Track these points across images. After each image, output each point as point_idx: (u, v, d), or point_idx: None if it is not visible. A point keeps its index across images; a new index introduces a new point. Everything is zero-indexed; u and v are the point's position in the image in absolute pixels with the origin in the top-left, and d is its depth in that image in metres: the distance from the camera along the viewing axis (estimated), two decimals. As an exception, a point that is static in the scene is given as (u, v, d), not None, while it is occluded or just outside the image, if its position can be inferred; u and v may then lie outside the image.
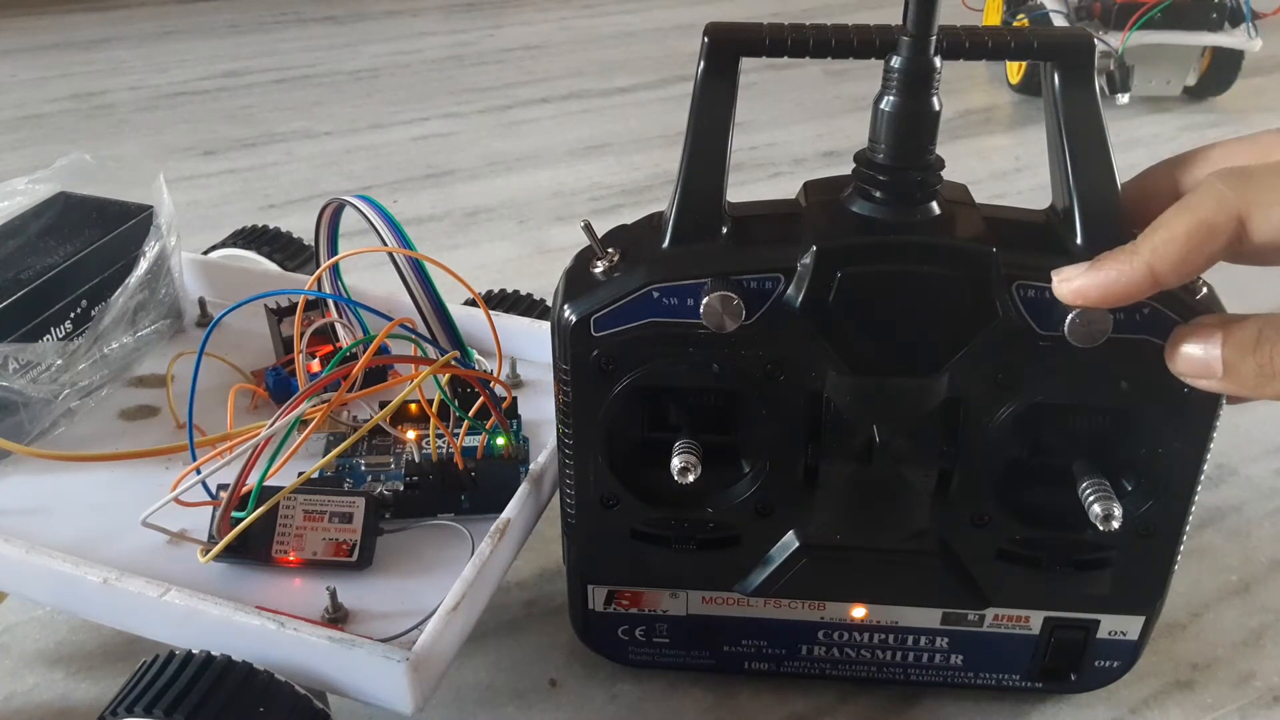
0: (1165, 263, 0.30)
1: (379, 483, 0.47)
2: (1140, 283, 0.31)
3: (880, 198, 0.37)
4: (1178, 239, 0.29)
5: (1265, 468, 0.62)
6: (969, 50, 0.36)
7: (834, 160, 1.04)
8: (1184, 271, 0.30)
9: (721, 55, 0.37)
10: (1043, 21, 1.10)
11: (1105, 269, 0.32)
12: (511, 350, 0.55)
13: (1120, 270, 0.31)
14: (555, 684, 0.49)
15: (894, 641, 0.46)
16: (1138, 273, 0.31)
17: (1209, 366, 0.32)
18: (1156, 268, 0.30)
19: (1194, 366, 0.33)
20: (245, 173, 1.02)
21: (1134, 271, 0.31)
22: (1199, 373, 0.33)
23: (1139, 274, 0.31)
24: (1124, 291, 0.31)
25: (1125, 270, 0.31)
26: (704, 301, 0.37)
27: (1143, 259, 0.30)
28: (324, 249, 0.52)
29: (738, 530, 0.43)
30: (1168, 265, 0.30)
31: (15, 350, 0.48)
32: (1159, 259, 0.30)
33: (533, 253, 0.87)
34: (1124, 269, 0.31)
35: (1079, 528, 0.40)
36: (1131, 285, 0.31)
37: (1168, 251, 0.30)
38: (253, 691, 0.37)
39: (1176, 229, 0.29)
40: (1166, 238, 0.30)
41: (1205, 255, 0.29)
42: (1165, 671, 0.50)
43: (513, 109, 1.17)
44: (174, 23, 1.45)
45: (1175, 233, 0.29)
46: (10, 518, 0.45)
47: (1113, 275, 0.31)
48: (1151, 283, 0.31)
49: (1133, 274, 0.31)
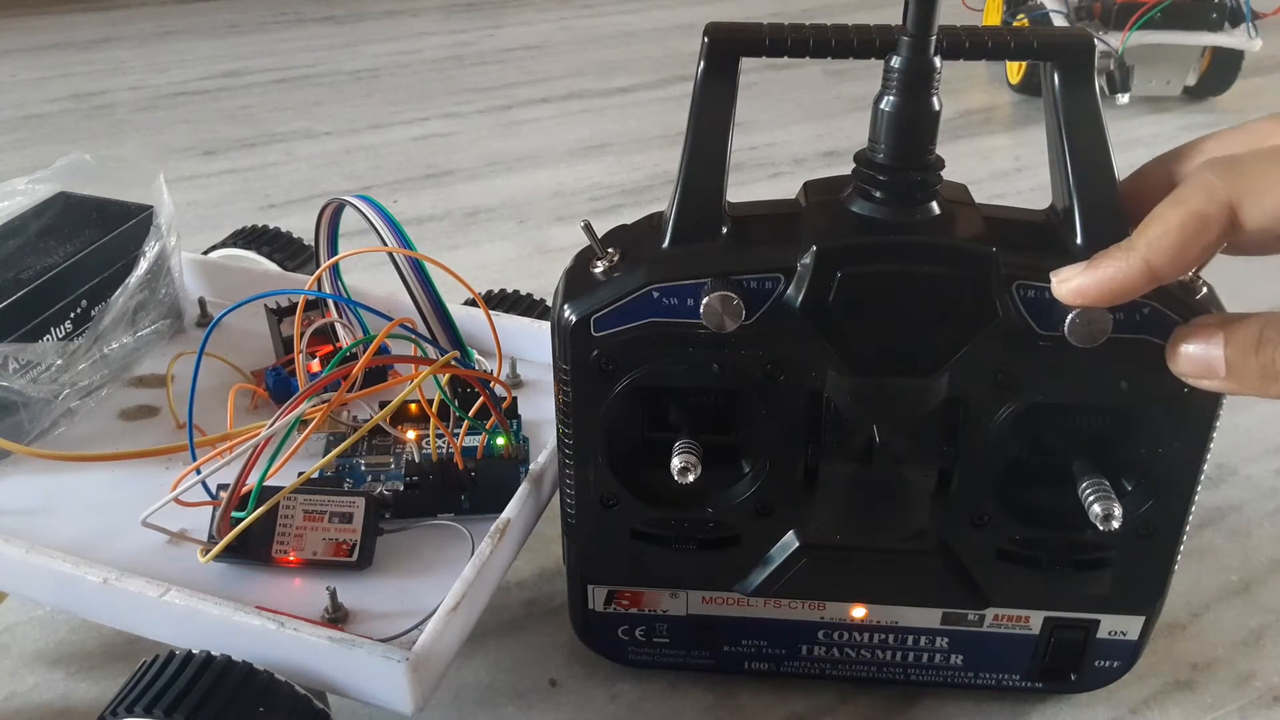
0: (1161, 257, 0.30)
1: (379, 483, 0.47)
2: (1138, 279, 0.31)
3: (880, 198, 0.37)
4: (1171, 232, 0.29)
5: (1265, 468, 0.62)
6: (969, 50, 0.36)
7: (834, 160, 1.04)
8: (1180, 264, 0.30)
9: (721, 55, 0.37)
10: (1043, 21, 1.10)
11: (1102, 267, 0.32)
12: (511, 350, 0.55)
13: (1117, 268, 0.31)
14: (555, 684, 0.49)
15: (894, 641, 0.46)
16: (1134, 269, 0.30)
17: (1211, 367, 0.32)
18: (1153, 262, 0.30)
19: (1196, 367, 0.33)
20: (245, 173, 1.02)
21: (1131, 268, 0.31)
22: (1201, 373, 0.33)
23: (1136, 270, 0.30)
24: (1122, 288, 0.31)
25: (1122, 267, 0.31)
26: (704, 301, 0.37)
27: (1139, 255, 0.30)
28: (324, 249, 0.52)
29: (738, 530, 0.43)
30: (1164, 259, 0.30)
31: (15, 350, 0.48)
32: (1154, 254, 0.30)
33: (533, 253, 0.87)
34: (1121, 266, 0.31)
35: (1079, 528, 0.40)
36: (1129, 282, 0.31)
37: (1162, 245, 0.30)
38: (253, 691, 0.37)
39: (1170, 222, 0.29)
40: (1160, 232, 0.30)
41: (1200, 246, 0.29)
42: (1165, 671, 0.50)
43: (513, 109, 1.17)
44: (174, 23, 1.45)
45: (1169, 226, 0.29)
46: (10, 518, 0.45)
47: (1110, 273, 0.31)
48: (1149, 278, 0.31)
49: (1130, 270, 0.31)
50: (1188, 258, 0.30)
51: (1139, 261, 0.30)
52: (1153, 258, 0.30)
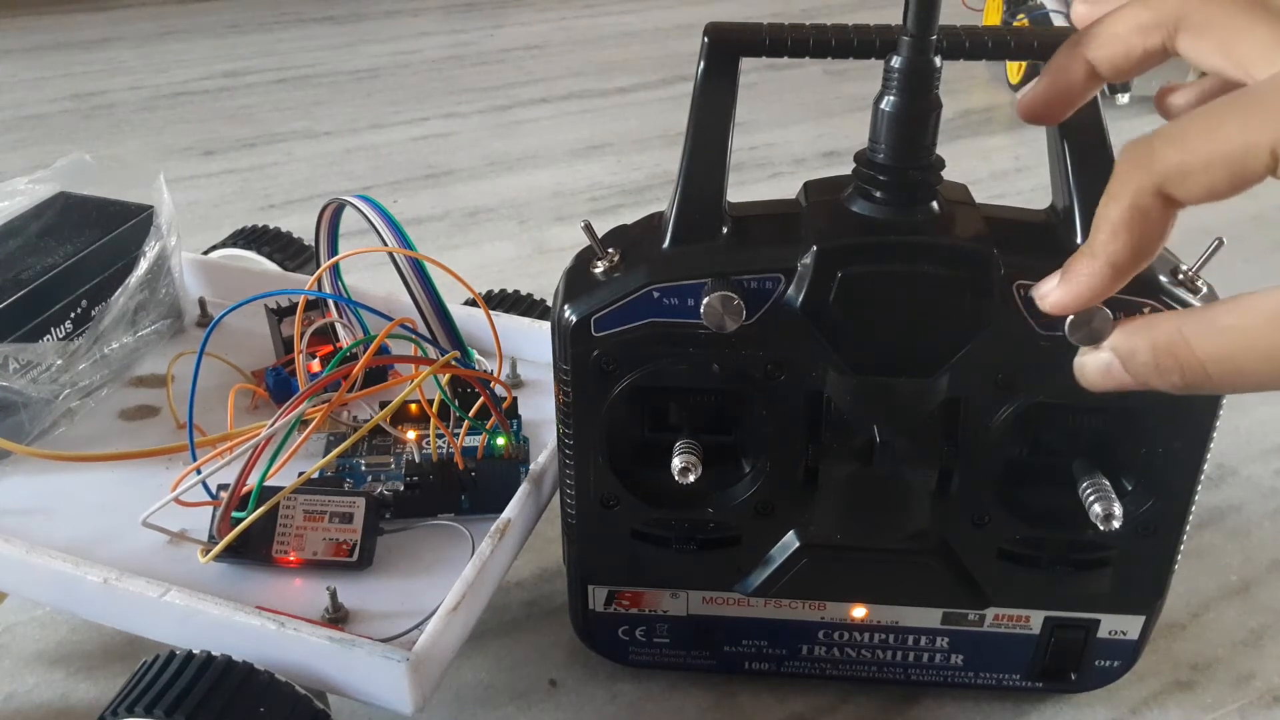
0: (1122, 255, 0.30)
1: (379, 483, 0.47)
2: (1109, 281, 0.31)
3: (880, 198, 0.37)
4: (1120, 231, 0.29)
5: (1265, 468, 0.62)
6: (969, 50, 0.36)
7: (834, 160, 1.04)
8: (1144, 254, 0.30)
9: (721, 55, 0.37)
10: (1043, 21, 1.10)
11: (1072, 279, 0.32)
12: (511, 350, 0.55)
13: (1086, 276, 0.31)
14: (555, 684, 0.49)
15: (894, 641, 0.46)
16: (1103, 273, 0.31)
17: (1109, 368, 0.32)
18: (1116, 262, 0.30)
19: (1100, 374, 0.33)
20: (245, 173, 1.02)
21: (1099, 273, 0.31)
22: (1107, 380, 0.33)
23: (1104, 274, 0.31)
24: (1099, 294, 0.31)
25: (1091, 274, 0.31)
26: (704, 301, 0.37)
27: (1101, 260, 0.30)
28: (324, 249, 0.52)
29: (738, 530, 0.43)
30: (1125, 257, 0.30)
31: (15, 350, 0.48)
32: (1113, 254, 0.30)
33: (533, 253, 0.87)
34: (1089, 274, 0.31)
35: (1079, 527, 0.40)
36: (1102, 286, 0.31)
37: (1117, 245, 0.30)
38: (253, 692, 0.37)
39: (1115, 221, 0.29)
40: (1110, 232, 0.30)
41: (1154, 233, 0.29)
42: (1165, 671, 0.50)
43: (512, 109, 1.17)
44: (174, 23, 1.45)
45: (1115, 225, 0.30)
46: (10, 518, 0.45)
47: (1083, 282, 0.31)
48: (1118, 277, 0.31)
49: (1099, 275, 0.31)
50: (1147, 246, 0.29)
51: (1103, 266, 0.30)
52: (1114, 258, 0.30)
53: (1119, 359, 0.31)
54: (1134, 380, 0.31)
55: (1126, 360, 0.31)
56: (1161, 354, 0.30)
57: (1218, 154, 0.26)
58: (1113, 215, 0.29)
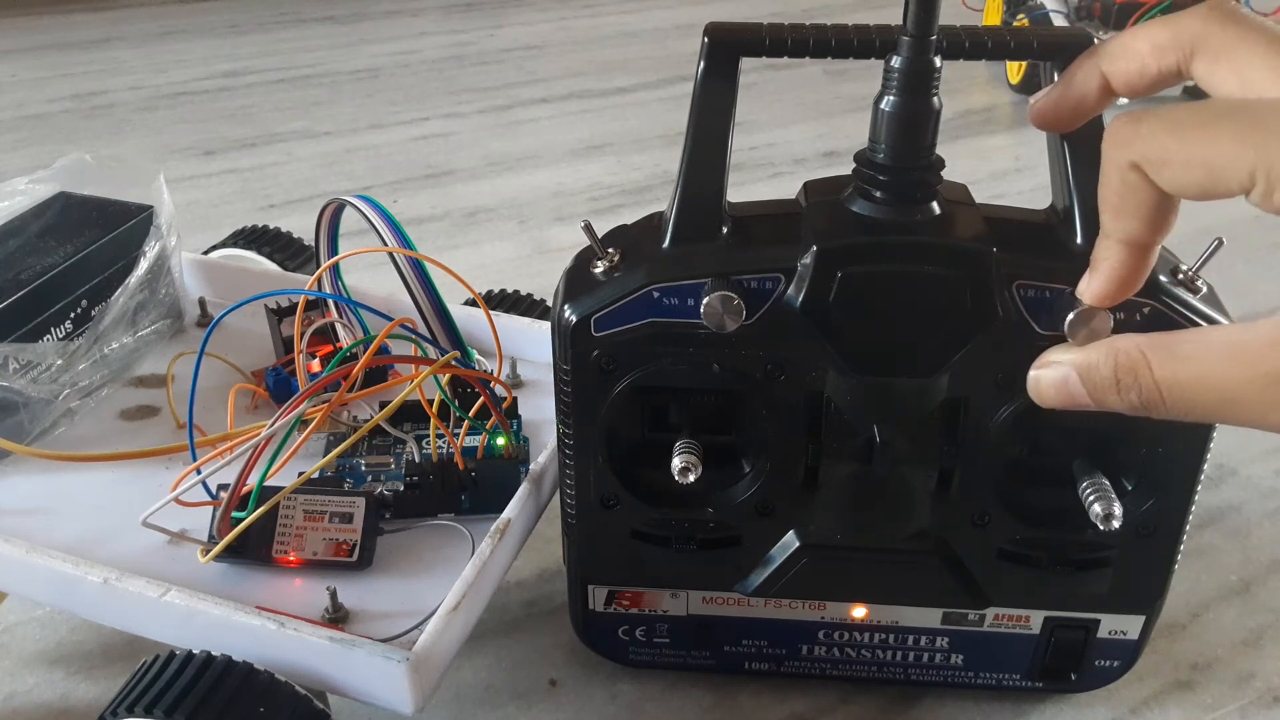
0: (1129, 230, 0.30)
1: (379, 483, 0.47)
2: (1130, 257, 0.31)
3: (880, 198, 0.37)
4: (1117, 208, 0.30)
5: (1265, 468, 0.62)
6: (969, 50, 0.36)
7: (834, 160, 1.04)
8: (1151, 223, 0.30)
9: (721, 55, 0.37)
10: (1043, 21, 1.10)
11: (1101, 268, 0.32)
12: (511, 350, 0.55)
13: (1106, 258, 0.31)
14: (555, 684, 0.49)
15: (894, 641, 0.46)
16: (1120, 251, 0.31)
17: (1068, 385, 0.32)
18: (1126, 238, 0.30)
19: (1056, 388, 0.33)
20: (245, 173, 1.02)
21: (1116, 251, 0.31)
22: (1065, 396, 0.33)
23: (1122, 252, 0.31)
24: (1128, 274, 0.31)
25: (1110, 255, 0.31)
26: (704, 301, 0.37)
27: (1113, 239, 0.31)
28: (324, 249, 0.52)
29: (738, 530, 0.42)
30: (1132, 230, 0.30)
31: (15, 350, 0.48)
32: (1120, 231, 0.30)
33: (533, 253, 0.87)
34: (1108, 255, 0.31)
35: (1079, 527, 0.40)
36: (1127, 264, 0.31)
37: (1121, 222, 0.30)
38: (253, 692, 0.37)
39: (1108, 200, 0.30)
40: (1110, 212, 0.30)
41: (1151, 202, 0.29)
42: (1165, 671, 0.50)
43: (512, 109, 1.17)
44: (174, 23, 1.45)
45: (1111, 204, 0.30)
46: (10, 518, 0.45)
47: (1107, 265, 0.32)
48: (1137, 252, 0.31)
49: (1117, 254, 0.31)
50: (1151, 216, 0.29)
51: (1117, 245, 0.31)
52: (1122, 234, 0.30)
53: (1078, 373, 0.31)
54: (1089, 397, 0.31)
55: (1086, 375, 0.31)
56: (1123, 371, 0.30)
57: (1198, 157, 0.26)
58: (1106, 195, 0.30)
